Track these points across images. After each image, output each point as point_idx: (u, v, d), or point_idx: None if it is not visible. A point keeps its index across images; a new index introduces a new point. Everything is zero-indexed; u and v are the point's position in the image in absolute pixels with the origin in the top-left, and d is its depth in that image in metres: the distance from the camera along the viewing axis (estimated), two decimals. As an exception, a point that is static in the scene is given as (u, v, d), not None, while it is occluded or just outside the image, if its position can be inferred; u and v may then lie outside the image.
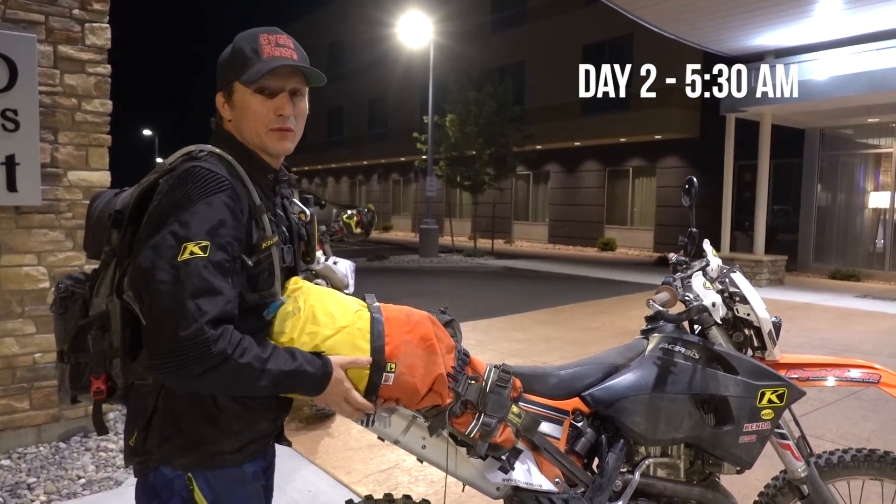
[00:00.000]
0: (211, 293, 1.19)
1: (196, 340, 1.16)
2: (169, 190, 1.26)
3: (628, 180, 20.64)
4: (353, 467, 3.58)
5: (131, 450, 1.35)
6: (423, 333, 1.48)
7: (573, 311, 9.01)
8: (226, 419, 1.32)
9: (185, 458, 1.31)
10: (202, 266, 1.20)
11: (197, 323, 1.16)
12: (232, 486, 1.34)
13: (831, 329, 7.82)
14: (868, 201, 13.62)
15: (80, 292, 1.40)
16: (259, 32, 1.39)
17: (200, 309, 1.17)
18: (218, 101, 1.42)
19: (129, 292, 1.30)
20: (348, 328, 1.39)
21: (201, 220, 1.22)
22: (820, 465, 2.09)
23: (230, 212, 1.27)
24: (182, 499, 1.31)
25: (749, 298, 2.01)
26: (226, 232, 1.25)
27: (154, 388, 1.32)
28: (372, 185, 33.92)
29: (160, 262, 1.19)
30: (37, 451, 3.52)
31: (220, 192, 1.27)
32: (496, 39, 23.63)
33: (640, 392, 1.85)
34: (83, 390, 1.39)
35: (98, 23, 3.68)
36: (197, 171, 1.28)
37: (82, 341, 1.36)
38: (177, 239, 1.20)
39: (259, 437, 1.40)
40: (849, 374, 2.02)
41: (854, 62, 10.69)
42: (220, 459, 1.33)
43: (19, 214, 3.48)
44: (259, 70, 1.33)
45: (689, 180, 2.18)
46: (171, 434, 1.30)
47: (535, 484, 1.72)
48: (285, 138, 1.40)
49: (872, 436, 4.15)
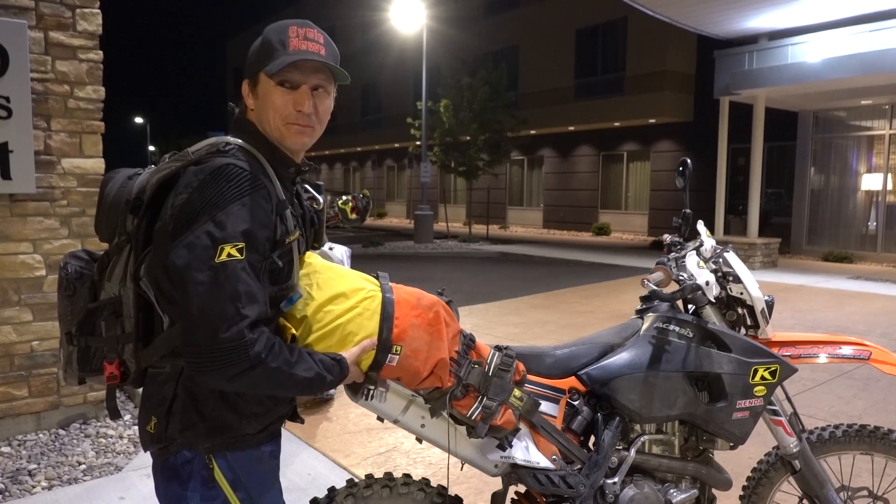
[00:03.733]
0: (249, 295, 1.20)
1: (235, 344, 1.17)
2: (200, 186, 1.24)
3: (622, 164, 20.66)
4: (351, 450, 3.61)
5: (151, 436, 1.35)
6: (431, 318, 1.50)
7: (568, 295, 9.05)
8: (246, 404, 1.34)
9: (208, 443, 1.32)
10: (240, 268, 1.20)
11: (237, 326, 1.17)
12: (250, 465, 1.37)
13: (824, 310, 7.88)
14: (861, 183, 13.68)
15: (88, 274, 1.39)
16: (289, 25, 1.36)
17: (240, 312, 1.18)
18: (244, 89, 1.41)
19: (145, 279, 1.30)
20: (360, 308, 1.41)
21: (237, 220, 1.22)
22: (812, 440, 2.13)
23: (263, 212, 1.27)
24: (202, 478, 1.33)
25: (742, 277, 2.03)
26: (259, 233, 1.25)
27: (172, 375, 1.32)
28: (366, 171, 33.82)
29: (196, 263, 1.19)
30: (36, 438, 3.54)
31: (254, 191, 1.26)
32: (489, 24, 23.49)
33: (635, 370, 1.88)
34: (91, 373, 1.40)
35: (89, 8, 3.65)
36: (231, 169, 1.26)
37: (92, 325, 1.37)
38: (213, 240, 1.20)
39: (278, 418, 1.43)
40: (840, 351, 2.05)
41: (847, 44, 10.69)
42: (242, 442, 1.35)
43: (14, 202, 3.48)
44: (282, 62, 1.31)
45: (683, 162, 2.19)
46: (193, 421, 1.31)
47: (532, 461, 1.75)
48: (303, 133, 1.39)
49: (863, 414, 4.21)
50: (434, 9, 20.06)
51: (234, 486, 1.34)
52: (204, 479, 1.33)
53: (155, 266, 1.28)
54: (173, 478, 1.34)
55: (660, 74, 17.88)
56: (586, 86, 20.25)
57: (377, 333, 1.42)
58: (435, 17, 20.15)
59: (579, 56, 20.52)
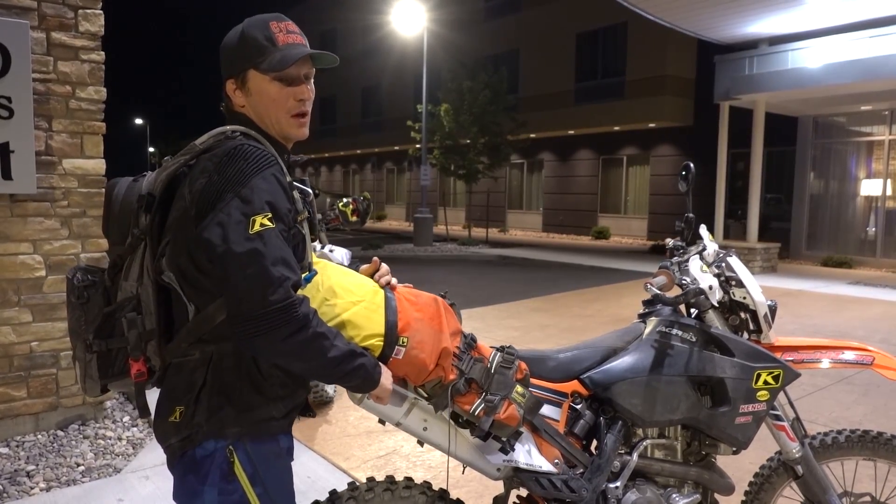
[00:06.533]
0: (286, 260, 1.26)
1: (285, 303, 1.22)
2: (219, 167, 1.28)
3: (622, 169, 20.66)
4: (351, 453, 3.60)
5: (175, 426, 1.35)
6: (431, 312, 1.55)
7: (568, 299, 9.04)
8: (271, 386, 1.37)
9: (236, 427, 1.34)
10: (274, 235, 1.25)
11: (283, 287, 1.23)
12: (269, 459, 1.38)
13: (824, 315, 7.88)
14: (860, 189, 13.69)
15: (99, 281, 1.41)
16: (268, 20, 1.39)
17: (284, 275, 1.23)
18: (228, 87, 1.42)
19: (168, 272, 1.32)
20: (365, 302, 1.46)
21: (261, 193, 1.26)
22: (814, 445, 2.12)
23: (281, 185, 1.31)
24: (222, 472, 1.33)
25: (745, 282, 2.03)
26: (282, 204, 1.30)
27: (203, 361, 1.34)
28: (366, 174, 33.82)
29: (234, 237, 1.22)
30: (35, 439, 3.53)
31: (271, 166, 1.31)
32: (490, 27, 23.52)
33: (637, 374, 1.88)
34: (113, 378, 1.41)
35: (91, 9, 3.65)
36: (246, 148, 1.30)
37: (111, 328, 1.38)
38: (244, 213, 1.24)
39: (298, 405, 1.47)
40: (843, 357, 2.05)
41: (847, 50, 10.71)
42: (267, 426, 1.38)
43: (14, 202, 3.47)
44: (284, 60, 1.35)
45: (686, 166, 2.19)
46: (220, 404, 1.33)
47: (535, 465, 1.75)
48: (304, 125, 1.44)
49: (864, 419, 4.20)
50: (435, 12, 20.08)
51: (252, 482, 1.35)
52: (223, 473, 1.33)
53: (178, 254, 1.31)
54: (191, 471, 1.35)
55: (660, 79, 17.90)
56: (586, 90, 20.27)
57: (383, 326, 1.45)
58: (436, 20, 20.18)
59: (580, 60, 20.54)
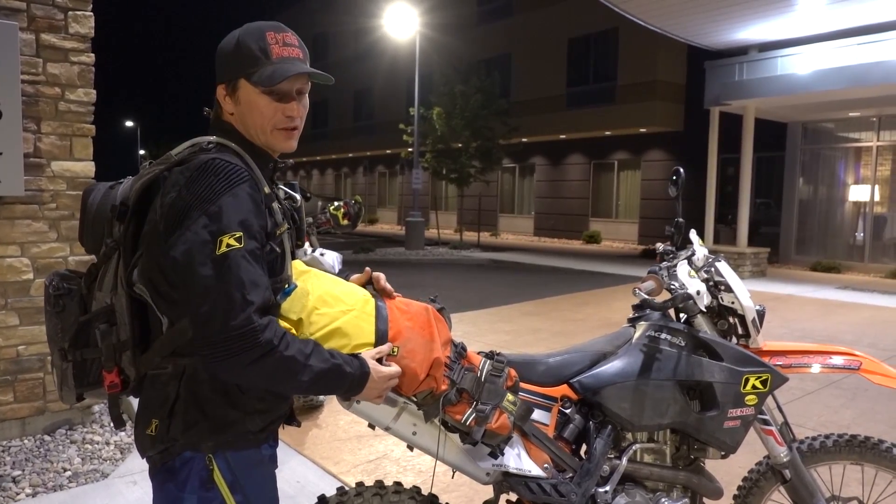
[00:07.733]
0: (253, 283, 1.21)
1: (245, 329, 1.18)
2: (189, 182, 1.25)
3: (613, 173, 20.75)
4: (341, 458, 3.59)
5: (151, 439, 1.33)
6: (422, 321, 1.52)
7: (559, 303, 9.06)
8: (249, 401, 1.34)
9: (211, 441, 1.32)
10: (240, 256, 1.21)
11: (245, 312, 1.19)
12: (250, 467, 1.36)
13: (812, 320, 7.94)
14: (848, 195, 13.80)
15: (75, 289, 1.39)
16: (265, 29, 1.36)
17: (246, 299, 1.19)
18: (219, 93, 1.40)
19: (139, 285, 1.30)
20: (355, 311, 1.42)
21: (230, 211, 1.23)
22: (802, 450, 2.13)
23: (253, 202, 1.28)
24: (201, 479, 1.32)
25: (733, 287, 2.04)
26: (254, 221, 1.26)
27: (175, 375, 1.31)
28: (357, 177, 33.79)
29: (199, 257, 1.20)
30: (21, 444, 3.50)
31: (243, 182, 1.27)
32: (482, 32, 23.59)
33: (626, 379, 1.88)
34: (89, 387, 1.39)
35: (81, 11, 3.63)
36: (217, 163, 1.27)
37: (86, 337, 1.36)
38: (210, 233, 1.21)
39: (278, 417, 1.43)
40: (831, 361, 2.06)
41: (835, 57, 10.81)
42: (244, 440, 1.35)
43: (2, 205, 3.44)
44: (273, 77, 1.32)
45: (676, 171, 2.20)
46: (195, 419, 1.30)
47: (524, 469, 1.75)
48: (291, 137, 1.41)
49: (852, 423, 4.23)
50: (427, 16, 20.11)
51: (232, 489, 1.33)
52: (202, 481, 1.32)
53: (150, 268, 1.28)
54: (170, 479, 1.33)
55: (651, 84, 18.00)
56: (578, 94, 20.36)
57: (373, 335, 1.42)
58: (428, 24, 20.20)
59: (571, 65, 20.64)
